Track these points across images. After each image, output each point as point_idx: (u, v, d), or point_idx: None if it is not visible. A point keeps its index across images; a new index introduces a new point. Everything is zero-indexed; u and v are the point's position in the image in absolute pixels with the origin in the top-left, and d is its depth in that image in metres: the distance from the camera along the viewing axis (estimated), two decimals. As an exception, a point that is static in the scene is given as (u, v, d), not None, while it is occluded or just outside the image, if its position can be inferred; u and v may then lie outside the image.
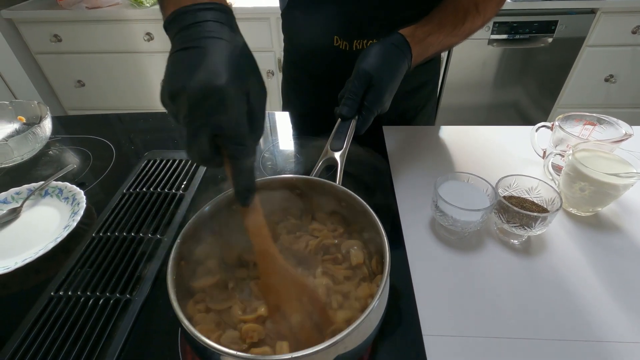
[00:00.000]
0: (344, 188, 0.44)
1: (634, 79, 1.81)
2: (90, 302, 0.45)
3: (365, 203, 0.41)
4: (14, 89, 1.85)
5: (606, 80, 1.82)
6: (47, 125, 0.71)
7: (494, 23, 1.69)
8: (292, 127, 0.82)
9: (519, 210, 0.46)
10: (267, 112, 0.82)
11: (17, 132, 0.75)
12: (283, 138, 0.78)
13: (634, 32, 1.67)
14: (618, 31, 1.67)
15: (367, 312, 0.31)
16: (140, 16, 1.70)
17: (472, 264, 0.49)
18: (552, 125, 0.62)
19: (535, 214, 0.45)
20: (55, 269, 0.50)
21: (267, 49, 1.79)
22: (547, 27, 1.67)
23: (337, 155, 0.51)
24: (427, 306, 0.44)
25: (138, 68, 1.90)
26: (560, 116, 0.61)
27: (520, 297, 0.45)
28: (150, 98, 2.00)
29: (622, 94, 1.87)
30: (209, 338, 0.30)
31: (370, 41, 0.68)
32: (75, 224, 0.54)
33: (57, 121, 0.84)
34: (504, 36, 1.71)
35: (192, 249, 0.41)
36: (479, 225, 0.49)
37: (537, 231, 0.47)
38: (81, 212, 0.55)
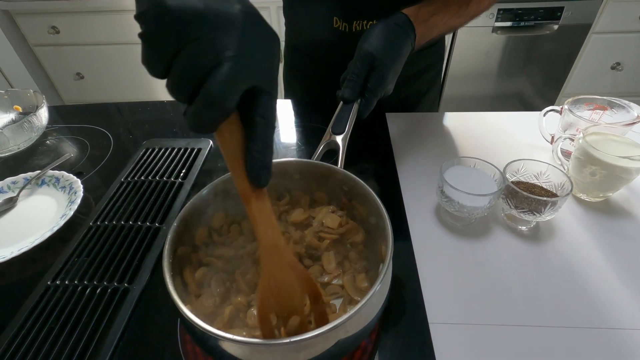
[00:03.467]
0: (345, 171, 0.43)
1: (642, 67, 1.78)
2: (87, 291, 0.44)
3: (368, 187, 0.40)
4: (12, 82, 1.83)
5: (612, 68, 1.79)
6: (43, 114, 0.69)
7: (498, 10, 1.65)
8: (294, 115, 0.81)
9: (528, 195, 0.44)
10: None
11: (13, 122, 0.74)
12: (285, 126, 0.77)
13: (641, 18, 1.63)
14: (625, 17, 1.64)
15: (369, 295, 0.30)
16: (139, 6, 1.67)
17: (478, 251, 0.48)
18: (561, 109, 0.60)
19: (544, 198, 0.44)
20: (52, 258, 0.49)
21: (268, 39, 1.76)
22: (553, 14, 1.63)
23: (338, 138, 0.49)
24: (433, 294, 0.43)
25: (137, 60, 1.86)
26: (570, 99, 0.59)
27: (528, 284, 0.44)
28: (150, 90, 1.98)
29: (628, 82, 1.83)
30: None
31: (371, 22, 0.66)
32: (72, 212, 0.53)
33: (55, 111, 0.82)
34: (508, 23, 1.68)
35: (190, 232, 0.40)
36: (486, 211, 0.47)
37: (546, 217, 0.45)
38: (78, 201, 0.54)
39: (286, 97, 0.91)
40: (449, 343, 0.39)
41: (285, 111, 0.81)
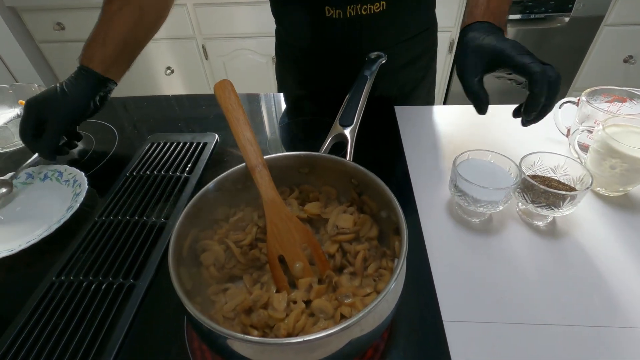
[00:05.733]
0: (355, 164, 0.41)
1: (655, 60, 1.73)
2: (92, 287, 0.43)
3: (379, 179, 0.39)
4: (18, 79, 1.84)
5: (625, 61, 1.75)
6: (47, 108, 0.68)
7: (508, 2, 1.62)
8: (289, 109, 0.79)
9: (546, 189, 0.42)
10: (264, 94, 0.81)
11: (18, 117, 0.73)
12: (281, 121, 0.75)
13: (656, 10, 1.59)
14: (639, 9, 1.59)
15: (384, 292, 0.29)
16: (143, 2, 1.67)
17: (493, 247, 0.46)
18: (578, 100, 0.58)
19: (563, 192, 0.42)
20: (59, 252, 0.48)
21: (270, 34, 1.73)
22: (564, 6, 1.60)
23: (347, 131, 0.48)
24: (447, 291, 0.42)
25: (142, 56, 1.85)
26: (587, 90, 0.57)
27: (546, 281, 0.42)
28: (156, 86, 1.98)
29: (641, 75, 1.79)
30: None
31: (365, 5, 0.64)
32: (78, 204, 0.52)
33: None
34: (518, 16, 1.65)
35: (196, 226, 0.39)
36: (502, 205, 0.45)
37: (564, 211, 0.44)
38: (84, 193, 0.53)
39: (280, 91, 0.90)
40: (464, 341, 0.37)
41: (279, 105, 0.80)
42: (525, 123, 0.48)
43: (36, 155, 0.60)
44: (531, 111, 0.45)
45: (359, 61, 0.59)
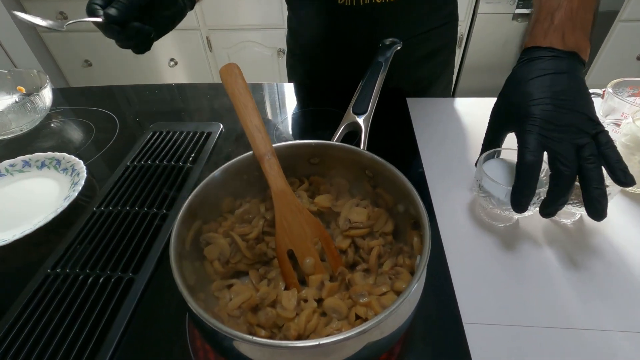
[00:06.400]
0: (372, 154, 0.38)
1: (670, 57, 1.69)
2: (89, 281, 0.41)
3: (397, 170, 0.36)
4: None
5: (638, 58, 1.71)
6: (46, 94, 0.66)
7: (520, -4, 1.58)
8: (299, 98, 0.76)
9: (577, 185, 0.39)
10: (267, 84, 0.78)
11: (16, 103, 0.71)
12: (290, 110, 0.72)
13: (672, 5, 1.55)
14: (655, 4, 1.55)
15: (406, 293, 0.26)
16: (147, -9, 1.64)
17: (516, 246, 0.43)
18: (604, 92, 0.55)
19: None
20: (55, 243, 0.45)
21: (278, 25, 1.71)
22: None
23: (360, 119, 0.45)
24: (466, 291, 0.39)
25: (146, 47, 1.84)
26: (613, 82, 0.54)
27: (575, 282, 0.39)
28: (158, 79, 1.95)
29: (655, 73, 1.75)
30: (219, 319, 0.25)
31: None
32: (76, 194, 0.50)
33: (60, 93, 0.79)
34: (530, 10, 1.61)
35: (200, 218, 0.36)
36: (531, 210, 0.41)
37: (594, 207, 0.41)
38: (82, 182, 0.51)
39: (289, 81, 0.87)
40: (487, 345, 0.35)
41: (283, 95, 0.77)
42: (541, 214, 0.39)
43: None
44: (513, 204, 0.38)
45: (371, 52, 0.56)
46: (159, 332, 0.37)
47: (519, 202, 0.37)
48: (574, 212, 0.44)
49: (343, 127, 0.44)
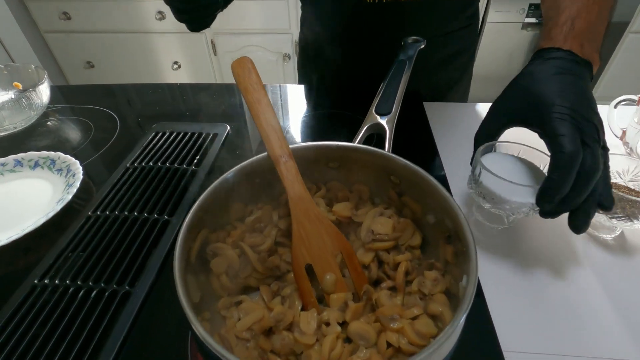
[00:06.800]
0: (399, 158, 0.35)
1: (681, 70, 1.67)
2: (80, 294, 0.37)
3: (432, 177, 0.32)
4: (22, 68, 1.79)
5: (648, 70, 1.69)
6: (43, 90, 0.62)
7: (530, 5, 1.56)
8: (309, 101, 0.73)
9: (624, 196, 0.35)
10: (270, 85, 0.74)
11: (12, 100, 0.67)
12: (302, 113, 0.69)
13: (684, 18, 1.53)
14: (666, 16, 1.54)
15: (455, 322, 0.22)
16: (153, -7, 1.62)
17: (555, 265, 0.39)
18: (639, 98, 0.51)
19: (648, 199, 0.35)
20: (45, 251, 0.41)
21: (284, 30, 1.69)
22: (588, 10, 1.54)
23: (384, 120, 0.41)
24: (503, 317, 0.35)
25: (149, 49, 1.82)
26: (650, 87, 0.51)
27: (623, 307, 0.35)
28: (162, 82, 1.92)
29: (665, 86, 1.73)
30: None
31: None
32: (70, 196, 0.46)
33: (58, 90, 0.76)
34: (540, 19, 1.59)
35: (207, 225, 0.32)
36: (532, 210, 0.37)
37: (643, 222, 0.37)
38: (77, 184, 0.47)
39: (300, 83, 0.83)
40: (531, 379, 0.30)
41: (286, 97, 0.73)
42: (540, 212, 0.35)
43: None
44: (544, 200, 0.33)
45: (391, 52, 0.52)
46: (157, 352, 0.33)
47: (552, 199, 0.32)
48: (614, 227, 0.40)
49: (365, 129, 0.41)
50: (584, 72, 0.36)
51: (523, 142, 0.41)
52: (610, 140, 0.56)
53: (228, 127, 0.62)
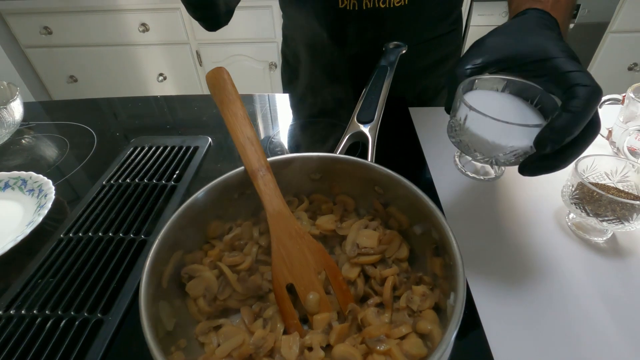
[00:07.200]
0: (382, 168, 0.33)
1: (660, 68, 1.70)
2: (49, 324, 0.34)
3: (416, 187, 0.31)
4: (2, 84, 1.75)
5: (630, 69, 1.71)
6: (15, 107, 0.60)
7: (512, 8, 1.58)
8: (294, 110, 0.71)
9: (618, 199, 0.34)
10: (258, 94, 0.73)
11: (-17, 119, 0.64)
12: (288, 122, 0.67)
13: (661, 17, 1.56)
14: (644, 16, 1.57)
15: (444, 345, 0.20)
16: (135, 5, 1.60)
17: (546, 271, 0.38)
18: (623, 97, 0.51)
19: (639, 203, 0.34)
20: (13, 278, 0.39)
21: (270, 39, 1.69)
22: (569, 12, 1.56)
23: (366, 129, 0.40)
24: (494, 325, 0.33)
25: (133, 62, 1.79)
26: (634, 86, 0.51)
27: (617, 308, 0.34)
28: (146, 94, 1.90)
29: (646, 83, 1.76)
30: None
31: None
32: (41, 218, 0.43)
33: (32, 107, 0.73)
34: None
35: (181, 247, 0.31)
36: (524, 155, 0.32)
37: (635, 225, 0.36)
38: (49, 205, 0.45)
39: (285, 92, 0.82)
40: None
41: (275, 106, 0.72)
42: (528, 167, 0.31)
43: None
44: (552, 139, 0.28)
45: (373, 60, 0.51)
46: (131, 386, 0.31)
47: (561, 139, 0.27)
48: (605, 230, 0.40)
49: (347, 137, 0.39)
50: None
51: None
52: (597, 140, 0.55)
53: (209, 139, 0.60)
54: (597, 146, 0.55)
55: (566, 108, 0.27)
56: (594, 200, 0.36)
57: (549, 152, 0.29)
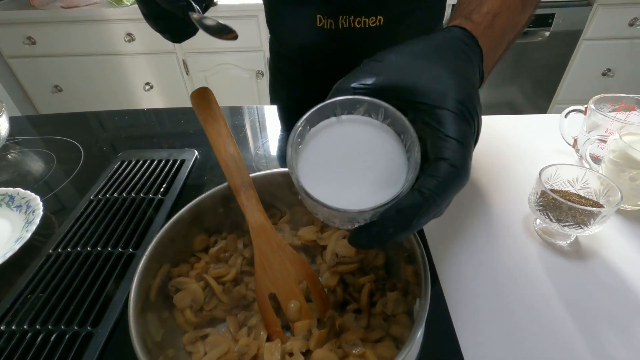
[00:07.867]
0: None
1: (632, 73, 1.78)
2: (40, 338, 0.35)
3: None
4: (-16, 96, 1.72)
5: (603, 74, 1.79)
6: (2, 123, 0.61)
7: (490, 17, 1.64)
8: (282, 121, 0.74)
9: (572, 205, 0.37)
10: (247, 107, 0.75)
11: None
12: (275, 134, 0.69)
13: (630, 25, 1.64)
14: (615, 24, 1.64)
15: (409, 346, 0.23)
16: (120, 15, 1.60)
17: (515, 273, 0.40)
18: (586, 108, 0.54)
19: (594, 209, 0.37)
20: (2, 295, 0.40)
21: (256, 48, 1.71)
22: (544, 21, 1.63)
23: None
24: (465, 326, 0.36)
25: (119, 71, 1.79)
26: (594, 98, 0.54)
27: (579, 309, 0.37)
28: (133, 103, 1.90)
29: (619, 88, 1.83)
30: None
31: (358, 18, 0.59)
32: (29, 234, 0.44)
33: (19, 121, 0.73)
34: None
35: (168, 260, 0.32)
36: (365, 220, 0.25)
37: (594, 229, 0.39)
38: (37, 221, 0.46)
39: (272, 104, 0.84)
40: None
41: (264, 119, 0.74)
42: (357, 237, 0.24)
43: None
44: (394, 221, 0.23)
45: None
46: (121, 396, 0.32)
47: (408, 224, 0.23)
48: (569, 234, 0.42)
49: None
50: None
51: (494, 163, 0.36)
52: (564, 148, 0.59)
53: (196, 153, 0.62)
54: (563, 154, 0.58)
55: (420, 185, 0.23)
56: (556, 207, 0.39)
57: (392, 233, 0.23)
